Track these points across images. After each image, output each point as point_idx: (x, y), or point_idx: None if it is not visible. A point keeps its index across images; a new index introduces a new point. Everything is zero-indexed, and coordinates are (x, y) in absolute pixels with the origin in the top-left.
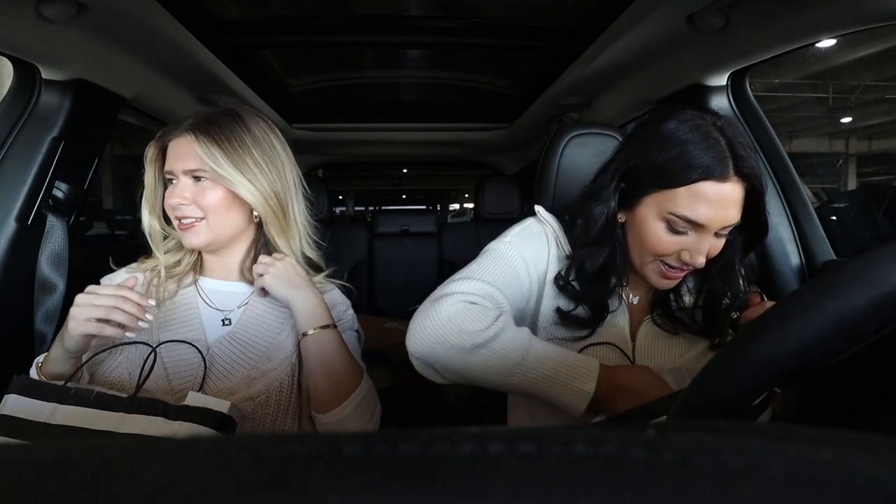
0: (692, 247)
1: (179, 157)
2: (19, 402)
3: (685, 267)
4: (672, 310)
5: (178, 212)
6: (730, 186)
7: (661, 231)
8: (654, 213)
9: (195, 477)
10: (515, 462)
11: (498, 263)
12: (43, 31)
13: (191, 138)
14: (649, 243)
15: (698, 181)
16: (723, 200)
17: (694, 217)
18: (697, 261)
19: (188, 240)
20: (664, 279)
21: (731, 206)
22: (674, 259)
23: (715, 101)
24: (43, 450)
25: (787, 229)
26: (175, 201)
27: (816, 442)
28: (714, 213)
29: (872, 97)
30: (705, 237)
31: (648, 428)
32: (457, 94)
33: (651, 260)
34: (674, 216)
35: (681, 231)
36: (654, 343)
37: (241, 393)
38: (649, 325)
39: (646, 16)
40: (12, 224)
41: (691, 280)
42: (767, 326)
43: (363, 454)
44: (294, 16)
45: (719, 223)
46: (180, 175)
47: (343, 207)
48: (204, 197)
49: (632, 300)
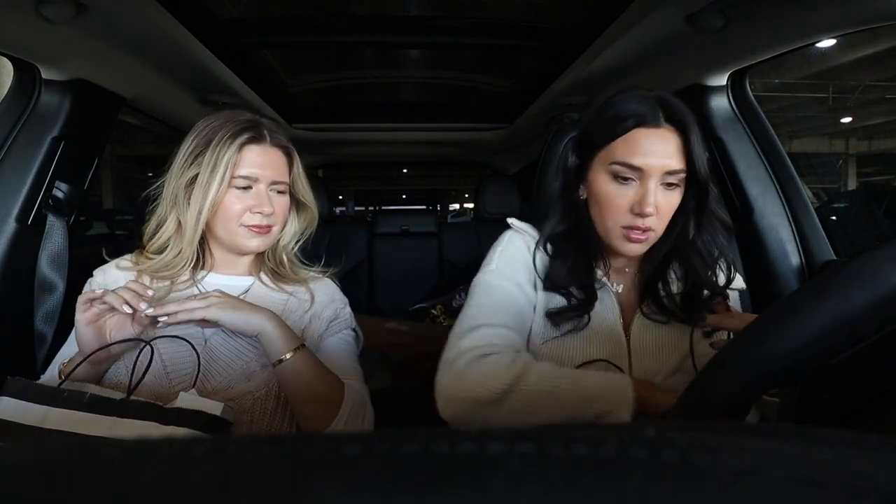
0: (640, 196)
1: (267, 167)
2: (13, 404)
3: (642, 224)
4: (660, 297)
5: (258, 219)
6: (662, 132)
7: (609, 186)
8: (601, 171)
9: (195, 477)
10: (515, 462)
11: (492, 297)
12: (43, 31)
13: (278, 152)
14: (603, 203)
15: (632, 129)
16: (657, 144)
17: (632, 161)
18: (646, 209)
19: (256, 243)
20: (629, 242)
21: (667, 151)
22: (628, 216)
23: (715, 101)
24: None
25: (787, 229)
26: (267, 209)
27: (816, 442)
28: (650, 157)
29: (872, 97)
30: (648, 184)
31: (648, 428)
32: (457, 94)
33: (612, 225)
34: (615, 165)
35: (626, 180)
36: (647, 336)
37: (241, 387)
38: (640, 318)
39: (646, 16)
40: (12, 224)
41: (679, 266)
42: (767, 326)
43: (363, 454)
44: (294, 16)
45: (658, 168)
46: (265, 184)
47: (343, 207)
48: (280, 205)
49: (616, 288)
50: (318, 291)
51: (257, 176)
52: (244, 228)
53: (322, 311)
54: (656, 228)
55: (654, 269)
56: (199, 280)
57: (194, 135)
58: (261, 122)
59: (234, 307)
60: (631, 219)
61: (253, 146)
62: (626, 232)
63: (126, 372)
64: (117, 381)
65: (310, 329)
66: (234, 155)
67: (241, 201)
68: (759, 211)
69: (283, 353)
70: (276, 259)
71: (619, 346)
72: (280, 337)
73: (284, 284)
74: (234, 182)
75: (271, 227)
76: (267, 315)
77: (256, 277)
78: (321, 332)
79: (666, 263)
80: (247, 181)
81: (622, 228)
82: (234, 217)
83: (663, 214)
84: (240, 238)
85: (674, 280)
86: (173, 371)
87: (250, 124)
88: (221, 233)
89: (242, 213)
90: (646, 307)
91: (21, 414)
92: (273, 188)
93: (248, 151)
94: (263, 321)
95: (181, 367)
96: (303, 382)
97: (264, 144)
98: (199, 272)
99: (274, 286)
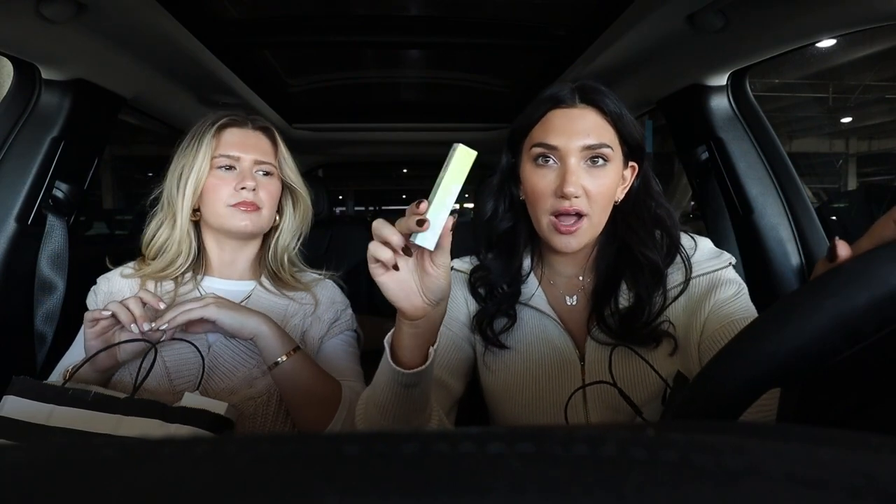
0: (561, 176)
1: (249, 148)
2: (18, 403)
3: (569, 207)
4: (604, 316)
5: (242, 196)
6: (577, 111)
7: (532, 173)
8: (527, 162)
9: (195, 477)
10: (515, 462)
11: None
12: (43, 31)
13: (260, 135)
14: (530, 192)
15: (548, 111)
16: (572, 122)
17: (547, 140)
18: (567, 188)
19: (245, 222)
20: (560, 234)
21: (583, 127)
22: (553, 200)
23: (715, 101)
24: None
25: (787, 229)
26: (250, 183)
27: (816, 442)
28: (564, 134)
29: (872, 97)
30: (568, 162)
31: (648, 428)
32: (456, 94)
33: (541, 214)
34: (535, 148)
35: (546, 161)
36: (603, 359)
37: (243, 392)
38: (592, 344)
39: (646, 16)
40: (12, 224)
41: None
42: (767, 326)
43: (363, 454)
44: (294, 16)
45: (574, 144)
46: (248, 163)
47: (343, 207)
48: (267, 188)
49: (570, 303)
50: (319, 294)
51: (238, 155)
52: (231, 209)
53: (323, 314)
54: (589, 213)
55: (603, 278)
56: (200, 283)
57: (185, 136)
58: (244, 112)
59: (230, 308)
60: (556, 202)
61: (234, 129)
62: (555, 221)
63: (130, 376)
64: (122, 384)
65: (311, 331)
66: (212, 137)
67: (226, 182)
68: (759, 211)
69: (279, 356)
70: (278, 261)
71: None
72: (275, 340)
73: (286, 290)
74: (216, 163)
75: (259, 207)
76: (262, 319)
77: (257, 282)
78: (322, 334)
79: (616, 273)
80: (229, 160)
81: (552, 218)
82: (220, 199)
83: (595, 198)
84: (228, 219)
85: (624, 295)
86: (177, 376)
87: (232, 112)
88: (211, 217)
89: (228, 195)
90: (596, 330)
91: (26, 412)
92: (258, 169)
93: (228, 133)
94: (259, 324)
95: (184, 371)
96: (299, 385)
97: (245, 128)
98: (199, 276)
99: (275, 291)
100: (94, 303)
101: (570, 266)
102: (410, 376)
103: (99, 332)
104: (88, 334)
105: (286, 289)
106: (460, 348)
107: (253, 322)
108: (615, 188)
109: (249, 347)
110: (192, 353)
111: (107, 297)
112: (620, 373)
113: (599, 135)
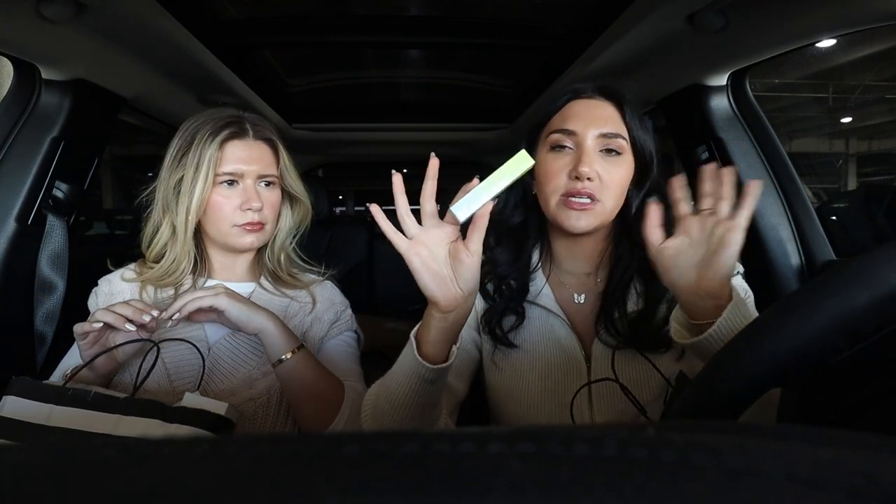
0: (577, 159)
1: (253, 161)
2: (18, 403)
3: (582, 188)
4: (614, 318)
5: (249, 216)
6: (595, 101)
7: (548, 157)
8: (542, 148)
9: (195, 477)
10: (515, 462)
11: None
12: (43, 31)
13: (262, 145)
14: (542, 175)
15: (567, 102)
16: (590, 110)
17: (565, 125)
18: (581, 168)
19: (250, 240)
20: (570, 210)
21: (601, 115)
22: (566, 180)
23: (715, 101)
24: (43, 450)
25: (787, 229)
26: (256, 204)
27: (816, 442)
28: (582, 119)
29: (872, 97)
30: (585, 146)
31: (648, 428)
32: (457, 94)
33: (552, 193)
34: (552, 135)
35: (562, 147)
36: (608, 361)
37: (243, 394)
38: (598, 345)
39: (646, 16)
40: (12, 224)
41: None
42: (767, 326)
43: (363, 454)
44: (294, 16)
45: (592, 129)
46: (252, 178)
47: (343, 207)
48: (270, 200)
49: (578, 301)
50: (319, 294)
51: (242, 171)
52: (237, 228)
53: (323, 314)
54: (602, 199)
55: (616, 278)
56: (201, 286)
57: (178, 137)
58: (243, 117)
59: (240, 301)
60: (569, 183)
61: (236, 142)
62: (566, 199)
63: (130, 376)
64: (122, 384)
65: (311, 332)
66: (216, 152)
67: (229, 199)
68: (759, 211)
69: (283, 353)
70: (275, 259)
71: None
72: (280, 337)
73: (286, 289)
74: (219, 179)
75: (263, 224)
76: (268, 315)
77: (257, 283)
78: (322, 334)
79: (629, 273)
80: (232, 177)
81: (562, 197)
82: (225, 218)
83: (609, 186)
84: (234, 238)
85: (633, 298)
86: (177, 376)
87: (232, 120)
88: (214, 234)
89: (233, 213)
90: (603, 332)
91: (26, 412)
92: (261, 182)
93: (230, 147)
94: (265, 320)
95: (184, 372)
96: (302, 383)
97: (247, 139)
98: (200, 279)
99: (275, 291)
100: (95, 304)
101: (580, 262)
102: (434, 371)
103: (92, 342)
104: (82, 346)
105: (286, 288)
106: (467, 351)
107: (260, 317)
108: (627, 180)
109: (250, 348)
110: (192, 354)
111: (107, 298)
112: (625, 373)
113: (617, 126)
